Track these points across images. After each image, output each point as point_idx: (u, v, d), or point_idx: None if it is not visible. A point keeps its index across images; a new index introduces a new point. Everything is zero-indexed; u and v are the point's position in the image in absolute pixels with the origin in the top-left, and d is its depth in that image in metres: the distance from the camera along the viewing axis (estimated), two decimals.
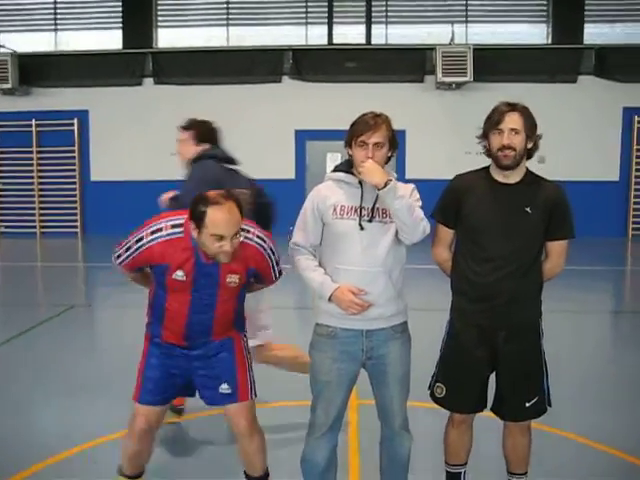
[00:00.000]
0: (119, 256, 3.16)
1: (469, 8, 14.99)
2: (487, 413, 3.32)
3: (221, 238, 2.86)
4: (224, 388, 3.18)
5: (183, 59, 14.88)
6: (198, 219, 2.87)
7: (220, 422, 3.90)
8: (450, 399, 3.27)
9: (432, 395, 3.35)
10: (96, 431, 4.36)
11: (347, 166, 3.15)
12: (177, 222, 3.02)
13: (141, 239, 3.03)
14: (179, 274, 2.99)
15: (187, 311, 3.08)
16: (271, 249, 3.18)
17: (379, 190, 2.92)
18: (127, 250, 3.10)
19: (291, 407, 4.56)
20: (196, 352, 3.16)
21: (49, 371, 5.74)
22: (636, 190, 14.67)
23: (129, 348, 6.35)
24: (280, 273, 3.26)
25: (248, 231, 3.09)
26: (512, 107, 3.10)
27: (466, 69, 13.96)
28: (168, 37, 15.39)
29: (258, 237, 3.13)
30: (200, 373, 3.20)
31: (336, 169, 3.20)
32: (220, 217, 2.84)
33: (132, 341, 6.61)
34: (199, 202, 2.87)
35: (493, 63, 14.28)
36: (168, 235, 3.00)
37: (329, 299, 3.02)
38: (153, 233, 3.01)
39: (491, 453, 3.60)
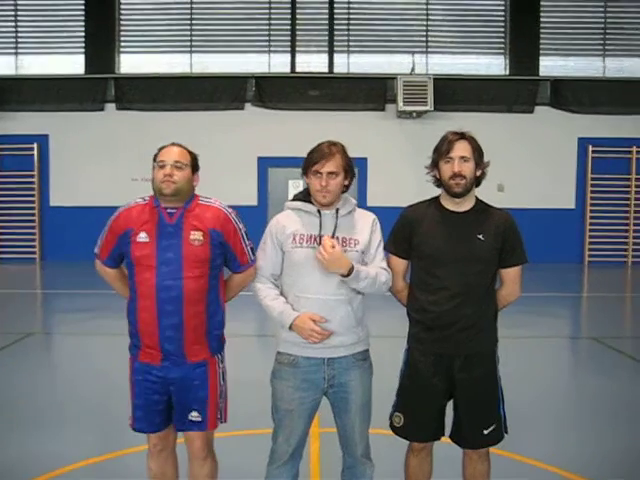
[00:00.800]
0: (98, 245, 3.26)
1: (429, 39, 15.29)
2: (447, 440, 3.33)
3: (163, 165, 3.11)
4: (194, 416, 3.18)
5: (145, 85, 14.86)
6: (154, 160, 3.18)
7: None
8: (408, 428, 3.27)
9: (391, 425, 3.34)
10: (56, 462, 4.26)
11: (305, 195, 3.18)
12: (145, 196, 3.24)
13: (113, 214, 3.24)
14: (142, 235, 3.10)
15: (155, 288, 3.04)
16: (237, 217, 3.23)
17: (343, 277, 2.97)
18: (103, 233, 3.25)
19: (252, 436, 4.52)
20: (172, 376, 3.13)
21: (6, 400, 5.59)
22: (592, 217, 15.02)
23: (89, 376, 6.29)
24: (254, 253, 3.22)
25: (210, 198, 3.24)
26: (461, 136, 3.17)
27: (426, 98, 14.20)
28: (131, 63, 15.33)
29: (221, 204, 3.24)
30: (174, 399, 3.19)
31: (295, 198, 3.23)
32: (167, 149, 3.18)
33: (92, 369, 6.55)
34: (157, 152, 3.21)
35: (453, 93, 14.59)
36: (135, 202, 3.24)
37: (290, 328, 3.02)
38: (123, 206, 3.25)
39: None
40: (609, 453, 4.54)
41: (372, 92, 14.87)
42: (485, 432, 3.20)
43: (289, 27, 15.16)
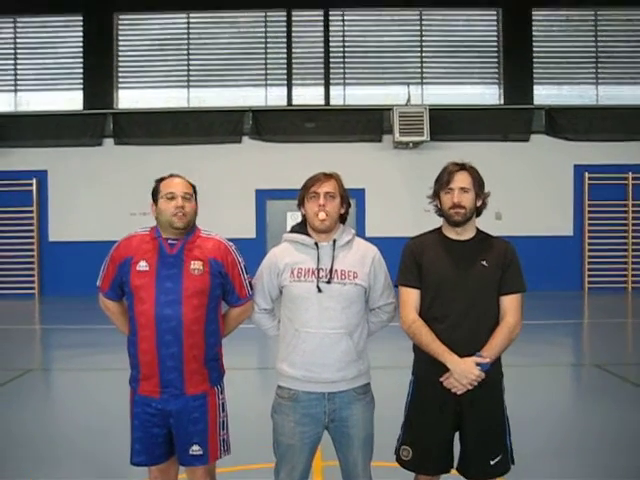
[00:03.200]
0: (100, 277, 3.27)
1: (424, 70, 15.47)
2: (454, 471, 3.29)
3: (173, 197, 3.11)
4: (195, 450, 3.15)
5: (144, 120, 14.97)
6: (154, 194, 3.20)
7: None
8: (417, 462, 3.22)
9: (398, 459, 3.28)
10: None
11: (302, 227, 3.18)
12: (146, 227, 3.27)
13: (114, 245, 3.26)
14: (142, 264, 3.10)
15: (154, 317, 3.03)
16: (237, 251, 3.25)
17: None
18: (104, 264, 3.26)
19: (254, 470, 4.47)
20: (170, 408, 3.11)
21: (5, 437, 5.53)
22: (590, 244, 15.04)
23: (88, 412, 6.23)
24: (252, 287, 3.24)
25: (210, 232, 3.27)
26: (461, 167, 3.21)
27: (423, 129, 14.31)
28: (129, 98, 15.48)
29: (222, 237, 3.27)
30: (175, 432, 3.16)
31: (292, 230, 3.23)
32: (170, 180, 3.20)
33: (91, 405, 6.50)
34: (155, 184, 3.23)
35: (449, 123, 14.70)
36: (136, 232, 3.27)
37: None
38: (124, 237, 3.27)
39: None
40: None
41: (368, 123, 14.99)
42: (492, 463, 3.17)
43: (285, 60, 15.34)
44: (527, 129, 15.03)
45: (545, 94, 15.32)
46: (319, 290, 3.02)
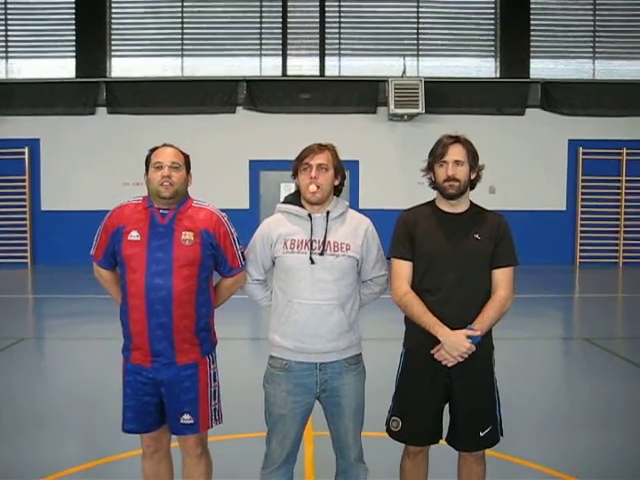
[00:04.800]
0: (93, 246, 3.27)
1: (420, 42, 15.34)
2: (443, 442, 3.33)
3: (160, 167, 3.12)
4: (186, 419, 3.17)
5: (137, 89, 14.83)
6: (146, 163, 3.20)
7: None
8: (406, 432, 3.25)
9: (388, 430, 3.31)
10: (49, 467, 4.23)
11: (296, 198, 3.17)
12: (139, 196, 3.27)
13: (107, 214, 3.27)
14: (134, 234, 3.11)
15: (144, 287, 3.04)
16: (229, 221, 3.24)
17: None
18: (97, 233, 3.26)
19: (246, 439, 4.52)
20: (162, 378, 3.13)
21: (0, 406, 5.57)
22: (582, 219, 15.09)
23: (81, 381, 6.27)
24: (244, 258, 3.24)
25: (203, 201, 3.26)
26: (455, 139, 3.19)
27: (418, 101, 14.23)
28: (122, 66, 15.32)
29: (214, 207, 3.25)
30: (166, 401, 3.18)
31: (285, 200, 3.22)
32: (161, 150, 3.20)
33: (84, 374, 6.53)
34: (148, 153, 3.22)
35: (444, 95, 14.62)
36: (128, 201, 3.26)
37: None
38: (117, 205, 3.27)
39: None
40: (602, 454, 4.56)
41: (363, 95, 14.90)
42: (481, 434, 3.20)
43: (280, 30, 15.18)
44: (522, 103, 14.98)
45: (541, 68, 15.24)
46: (312, 262, 3.02)
